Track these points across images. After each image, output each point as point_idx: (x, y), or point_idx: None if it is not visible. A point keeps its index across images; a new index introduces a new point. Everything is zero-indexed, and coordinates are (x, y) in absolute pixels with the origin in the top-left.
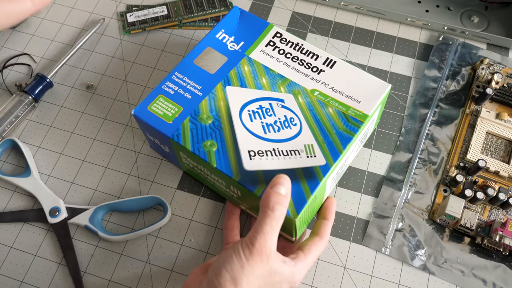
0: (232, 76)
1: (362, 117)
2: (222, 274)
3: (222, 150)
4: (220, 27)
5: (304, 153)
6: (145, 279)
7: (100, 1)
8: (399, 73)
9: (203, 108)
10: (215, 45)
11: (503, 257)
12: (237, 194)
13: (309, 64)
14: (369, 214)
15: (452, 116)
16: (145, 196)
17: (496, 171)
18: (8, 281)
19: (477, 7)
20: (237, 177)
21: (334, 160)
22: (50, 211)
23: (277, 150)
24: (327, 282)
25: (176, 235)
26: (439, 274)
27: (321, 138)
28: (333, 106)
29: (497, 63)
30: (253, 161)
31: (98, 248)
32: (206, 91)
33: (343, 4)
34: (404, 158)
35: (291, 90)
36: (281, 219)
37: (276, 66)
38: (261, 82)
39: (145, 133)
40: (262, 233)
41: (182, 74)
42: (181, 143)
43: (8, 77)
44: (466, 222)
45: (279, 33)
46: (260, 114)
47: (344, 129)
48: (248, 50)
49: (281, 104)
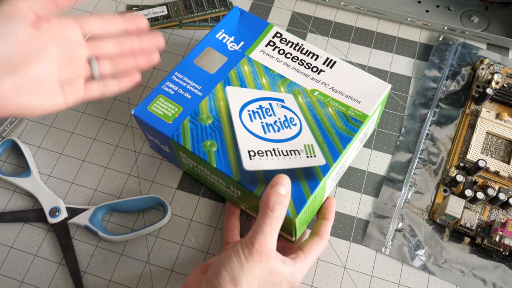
0: (232, 76)
1: (362, 117)
2: (222, 274)
3: (222, 150)
4: (220, 27)
5: (304, 153)
6: (145, 279)
7: (100, 1)
8: (399, 73)
9: (203, 108)
10: (215, 45)
11: (503, 257)
12: (237, 194)
13: (309, 64)
14: (369, 214)
15: (452, 116)
16: (145, 196)
17: (496, 171)
18: (8, 281)
19: (477, 7)
20: (237, 177)
21: (334, 160)
22: (50, 211)
23: (277, 150)
24: (327, 282)
25: (176, 235)
26: (439, 274)
27: (321, 138)
28: (333, 106)
29: (497, 63)
30: (253, 161)
31: (98, 248)
32: (206, 91)
33: (343, 4)
34: (404, 158)
35: (291, 90)
36: (280, 219)
37: (276, 66)
38: (261, 82)
39: (145, 133)
40: (262, 233)
41: (182, 74)
42: (181, 143)
43: None
44: (466, 222)
45: (279, 33)
46: (260, 114)
47: (344, 129)
48: (248, 50)
49: (281, 104)
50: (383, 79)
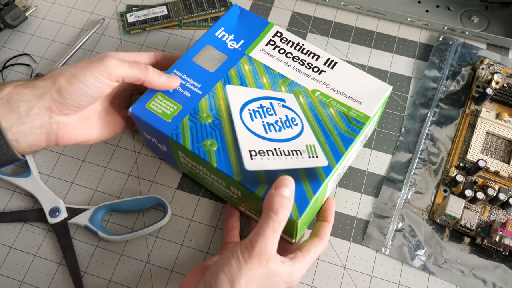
0: (232, 75)
1: (363, 118)
2: (220, 276)
3: (223, 150)
4: (220, 25)
5: (306, 153)
6: (145, 279)
7: (100, 1)
8: (399, 73)
9: (203, 106)
10: (214, 43)
11: (503, 257)
12: (237, 194)
13: (310, 64)
14: (369, 214)
15: (452, 116)
16: (145, 196)
17: (496, 171)
18: (8, 281)
19: (477, 7)
20: (238, 177)
21: (337, 161)
22: (50, 211)
23: (278, 150)
24: (327, 282)
25: (176, 235)
26: (439, 274)
27: (323, 139)
28: (334, 106)
29: (497, 63)
30: (254, 161)
31: (98, 248)
32: (206, 89)
33: (343, 4)
34: (404, 158)
35: (292, 89)
36: (284, 222)
37: (276, 66)
38: (261, 81)
39: (142, 131)
40: (264, 236)
41: (181, 71)
42: (180, 142)
43: (8, 77)
44: (466, 222)
45: (280, 33)
46: (261, 113)
47: (346, 130)
48: (248, 49)
49: (282, 104)
50: (383, 79)
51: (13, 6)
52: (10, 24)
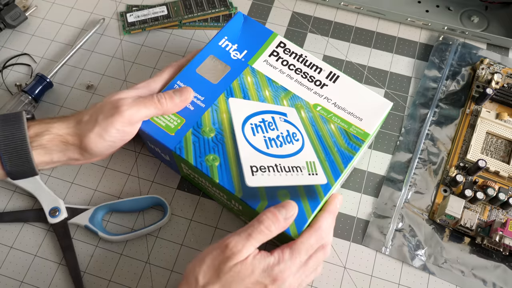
0: (235, 87)
1: (363, 135)
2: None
3: (225, 165)
4: (223, 34)
5: (306, 170)
6: (145, 279)
7: (100, 1)
8: (399, 73)
9: (206, 120)
10: (218, 53)
11: (503, 257)
12: (237, 208)
13: (313, 77)
14: (369, 214)
15: (452, 116)
16: (145, 196)
17: (496, 171)
18: (8, 281)
19: (477, 7)
20: (239, 194)
21: (335, 179)
22: (50, 211)
23: (279, 166)
24: (327, 282)
25: (176, 235)
26: (439, 274)
27: (323, 156)
28: (335, 122)
29: (497, 63)
30: (255, 177)
31: (98, 248)
32: (209, 102)
33: (343, 4)
34: (404, 158)
35: (293, 104)
36: (265, 234)
37: (279, 78)
38: (264, 94)
39: (145, 141)
40: (237, 235)
41: (185, 83)
42: (183, 157)
43: (8, 77)
44: (466, 222)
45: (283, 43)
46: (262, 127)
47: (345, 147)
48: (252, 60)
49: (284, 118)
50: (383, 79)
51: (13, 6)
52: (10, 24)
